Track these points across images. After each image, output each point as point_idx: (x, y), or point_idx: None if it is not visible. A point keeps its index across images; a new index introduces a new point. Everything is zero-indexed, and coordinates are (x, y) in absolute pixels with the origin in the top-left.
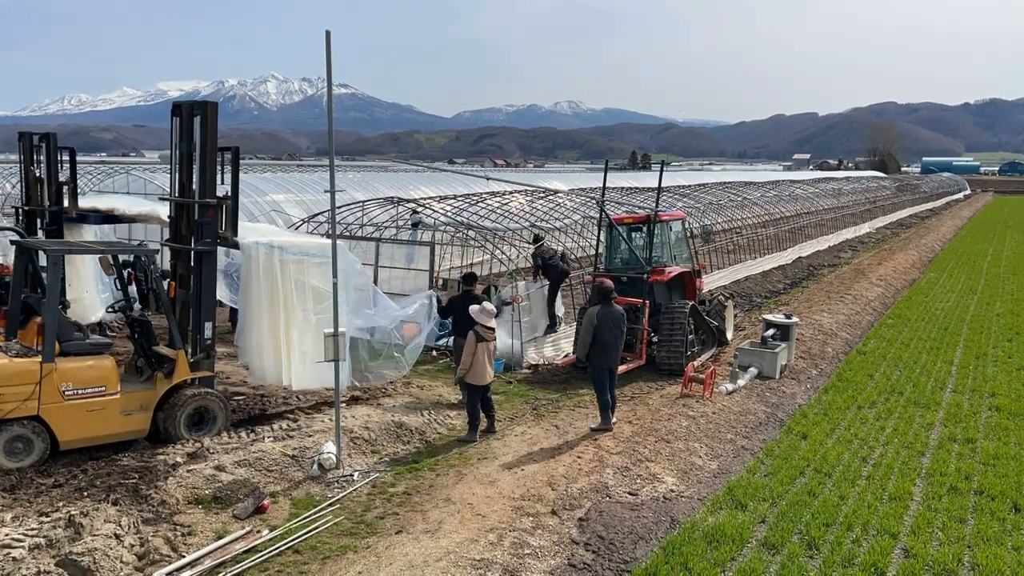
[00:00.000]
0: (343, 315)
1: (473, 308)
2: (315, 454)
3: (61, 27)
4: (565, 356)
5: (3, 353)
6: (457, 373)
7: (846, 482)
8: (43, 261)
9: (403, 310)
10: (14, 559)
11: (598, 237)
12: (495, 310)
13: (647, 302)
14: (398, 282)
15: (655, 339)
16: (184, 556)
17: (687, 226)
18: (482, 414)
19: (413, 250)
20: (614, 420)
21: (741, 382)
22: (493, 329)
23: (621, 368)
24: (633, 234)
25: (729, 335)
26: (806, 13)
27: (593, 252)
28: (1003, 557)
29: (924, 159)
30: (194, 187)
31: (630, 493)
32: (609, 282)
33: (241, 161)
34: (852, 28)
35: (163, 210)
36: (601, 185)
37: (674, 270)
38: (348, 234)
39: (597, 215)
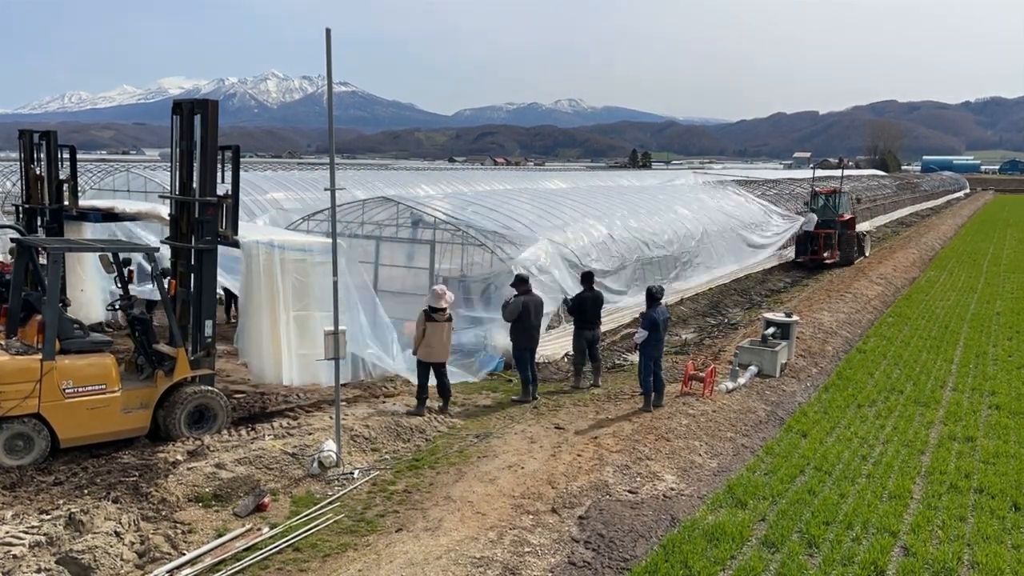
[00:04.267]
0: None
1: (430, 292)
2: (315, 452)
3: (61, 25)
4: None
5: (3, 351)
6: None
7: (846, 480)
8: (43, 259)
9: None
10: (14, 557)
11: (810, 205)
12: (443, 291)
13: (836, 231)
14: (398, 281)
15: (838, 248)
16: (184, 554)
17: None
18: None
19: (413, 248)
20: (536, 397)
21: (741, 380)
22: (444, 310)
23: (828, 262)
24: (828, 198)
25: (867, 252)
26: (807, 11)
27: None
28: (1003, 555)
29: (924, 157)
30: (194, 185)
31: (630, 491)
32: (525, 273)
33: (241, 159)
34: (852, 26)
35: (163, 208)
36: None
37: (846, 216)
38: (348, 232)
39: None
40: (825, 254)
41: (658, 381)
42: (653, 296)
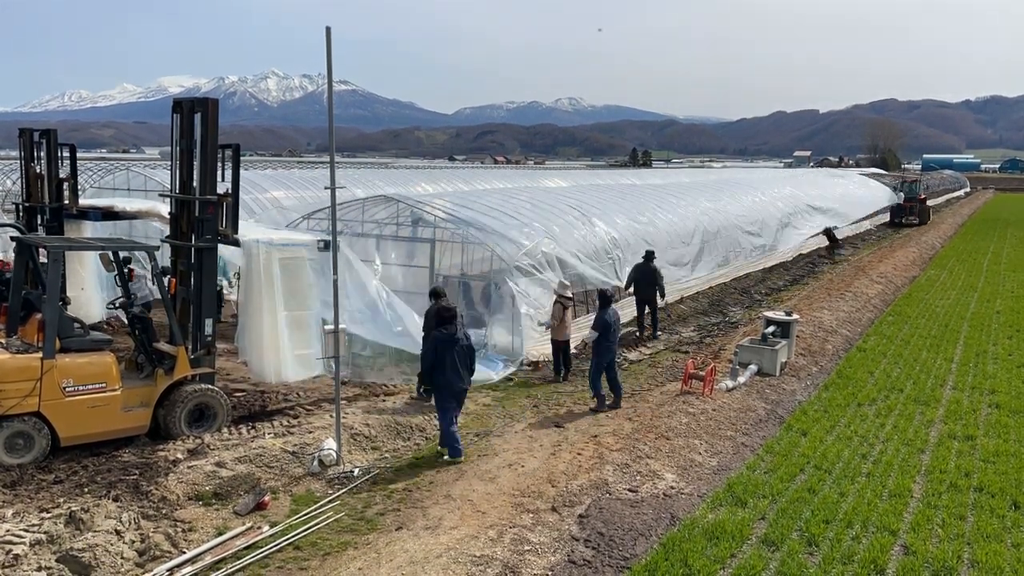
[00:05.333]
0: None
1: (558, 284)
2: (316, 450)
3: (61, 23)
4: None
5: (4, 349)
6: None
7: (846, 479)
8: (44, 257)
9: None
10: (15, 555)
11: (900, 188)
12: (568, 284)
13: (917, 204)
14: (398, 280)
15: (918, 215)
16: (184, 552)
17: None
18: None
19: (413, 247)
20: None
21: (741, 379)
22: (571, 297)
23: (913, 223)
24: (912, 184)
25: (930, 218)
26: (808, 9)
27: None
28: (1002, 554)
29: (925, 156)
30: (195, 184)
31: (630, 490)
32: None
33: (241, 158)
34: (853, 25)
35: (163, 207)
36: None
37: (923, 195)
38: (348, 231)
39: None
40: (912, 218)
41: (613, 383)
42: (607, 297)
